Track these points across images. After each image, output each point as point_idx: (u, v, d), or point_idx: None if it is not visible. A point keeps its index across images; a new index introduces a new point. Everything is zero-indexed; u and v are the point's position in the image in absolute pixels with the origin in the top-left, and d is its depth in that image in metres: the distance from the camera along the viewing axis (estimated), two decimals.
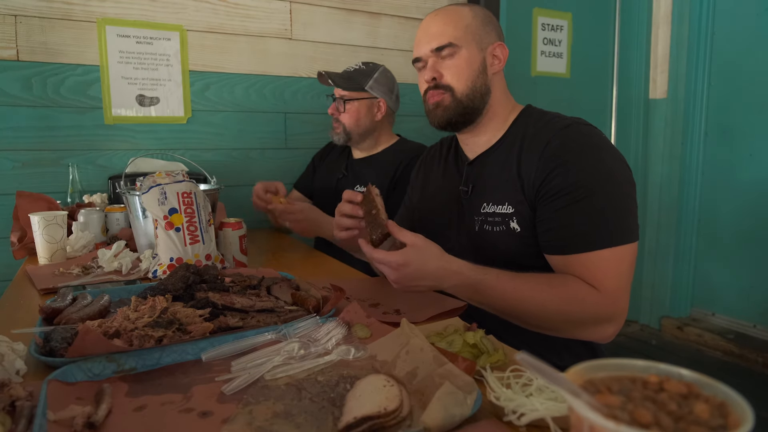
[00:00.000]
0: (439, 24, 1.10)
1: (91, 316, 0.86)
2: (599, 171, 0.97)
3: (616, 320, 0.97)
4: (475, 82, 1.09)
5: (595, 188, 0.96)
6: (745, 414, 0.34)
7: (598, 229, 0.95)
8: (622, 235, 0.95)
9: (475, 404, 0.57)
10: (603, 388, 0.39)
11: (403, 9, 2.38)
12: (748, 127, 2.75)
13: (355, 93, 1.76)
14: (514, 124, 1.12)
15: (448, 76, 1.09)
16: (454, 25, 1.08)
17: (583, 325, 0.96)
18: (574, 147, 0.99)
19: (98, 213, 1.57)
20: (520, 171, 1.04)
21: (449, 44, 1.08)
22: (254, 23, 2.10)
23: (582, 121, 1.05)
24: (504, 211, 1.06)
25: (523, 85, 2.85)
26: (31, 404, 0.58)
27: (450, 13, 1.11)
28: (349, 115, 1.77)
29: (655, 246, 3.11)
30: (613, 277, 0.94)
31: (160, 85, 1.97)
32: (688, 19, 2.89)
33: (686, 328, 2.94)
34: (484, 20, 1.11)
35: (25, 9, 1.76)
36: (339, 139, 1.81)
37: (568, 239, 0.97)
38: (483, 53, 1.10)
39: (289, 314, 0.90)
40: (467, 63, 1.08)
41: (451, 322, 0.84)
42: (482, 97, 1.10)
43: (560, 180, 0.97)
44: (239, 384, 0.65)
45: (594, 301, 0.93)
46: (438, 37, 1.08)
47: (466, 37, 1.08)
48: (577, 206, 0.96)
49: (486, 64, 1.10)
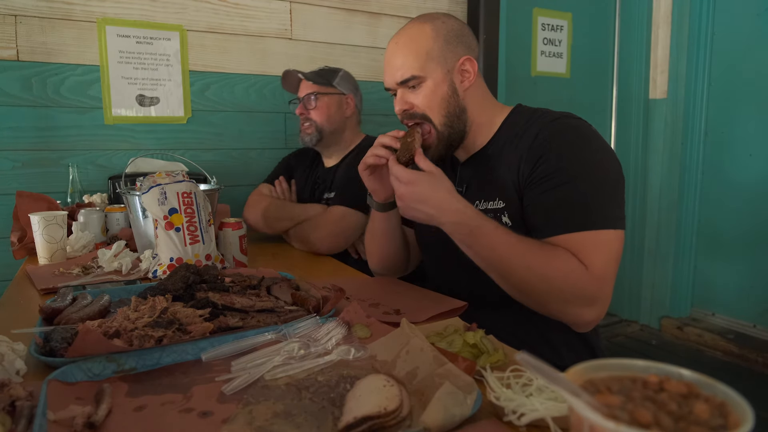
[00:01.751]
0: (400, 56, 1.08)
1: (91, 316, 0.86)
2: (585, 159, 0.98)
3: (598, 305, 0.94)
4: (447, 108, 1.09)
5: (580, 174, 0.96)
6: (745, 414, 0.34)
7: (583, 210, 0.95)
8: (607, 220, 0.95)
9: (475, 404, 0.57)
10: (603, 388, 0.39)
11: (403, 9, 2.38)
12: (747, 127, 2.75)
13: (324, 88, 1.74)
14: (504, 124, 1.12)
15: (420, 105, 1.09)
16: (414, 55, 1.07)
17: (565, 300, 0.94)
18: (561, 137, 1.00)
19: (98, 213, 1.57)
20: (510, 166, 1.05)
21: (412, 77, 1.07)
22: (254, 23, 2.10)
23: (571, 115, 1.06)
24: (495, 207, 1.07)
25: (523, 85, 2.85)
26: (31, 404, 0.58)
27: (410, 39, 1.08)
28: (320, 112, 1.73)
29: (655, 246, 3.11)
30: (599, 258, 0.93)
31: (160, 85, 1.97)
32: (688, 19, 2.89)
33: (686, 328, 2.95)
34: (447, 38, 1.08)
35: (25, 9, 1.76)
36: (311, 140, 1.75)
37: (553, 220, 0.97)
38: (450, 74, 1.08)
39: (289, 314, 0.90)
40: (433, 92, 1.07)
41: (451, 322, 0.84)
42: (459, 118, 1.10)
43: (546, 166, 0.98)
44: (239, 384, 0.65)
45: (579, 276, 0.92)
46: (401, 69, 1.08)
47: (428, 65, 1.07)
48: (562, 189, 0.96)
49: (455, 84, 1.09)
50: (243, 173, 2.10)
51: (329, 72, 1.77)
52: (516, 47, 2.79)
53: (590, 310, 0.94)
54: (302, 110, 1.74)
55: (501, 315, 1.02)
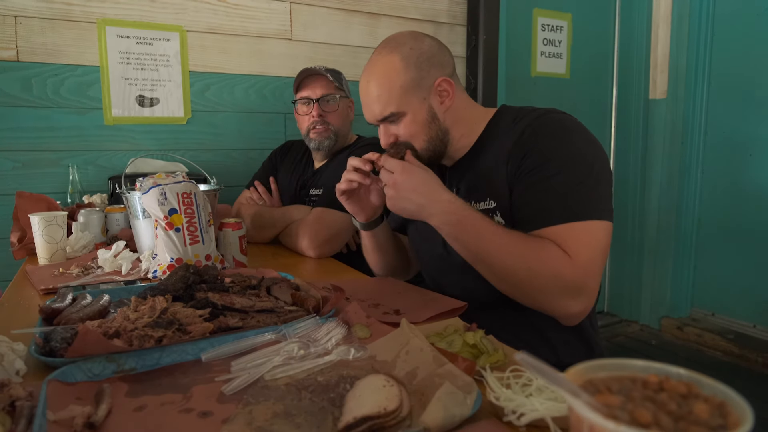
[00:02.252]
0: (374, 95, 1.08)
1: (91, 316, 0.86)
2: (569, 151, 0.99)
3: (583, 296, 0.94)
4: (429, 133, 1.09)
5: (564, 166, 0.97)
6: (745, 414, 0.34)
7: (566, 202, 0.95)
8: (594, 211, 0.95)
9: (475, 404, 0.57)
10: (603, 388, 0.39)
11: (403, 9, 2.38)
12: (747, 127, 2.75)
13: (340, 91, 1.71)
14: (489, 125, 1.13)
15: (403, 136, 1.09)
16: (388, 93, 1.06)
17: (549, 291, 0.94)
18: (546, 131, 1.01)
19: (98, 213, 1.57)
20: (498, 164, 1.05)
21: (391, 114, 1.07)
22: (254, 24, 2.10)
23: (556, 110, 1.06)
24: (487, 207, 1.07)
25: (523, 86, 2.85)
26: (31, 404, 0.58)
27: (381, 76, 1.07)
28: (338, 115, 1.69)
29: (655, 246, 3.11)
30: (585, 249, 0.93)
31: (160, 85, 1.97)
32: (688, 19, 2.89)
33: (686, 328, 2.95)
34: (418, 64, 1.06)
35: (25, 10, 1.76)
36: (329, 144, 1.68)
37: (538, 213, 0.97)
38: (427, 100, 1.08)
39: (289, 314, 0.89)
40: (414, 123, 1.08)
41: (451, 322, 0.84)
42: (442, 140, 1.11)
43: (531, 161, 0.99)
44: (239, 384, 0.65)
45: (564, 267, 0.92)
46: (378, 108, 1.08)
47: (404, 99, 1.06)
48: (547, 182, 0.97)
49: (434, 109, 1.08)
50: (243, 173, 2.10)
51: (337, 74, 1.73)
52: (516, 47, 2.79)
53: (576, 302, 0.94)
54: (320, 111, 1.66)
55: (500, 315, 1.02)
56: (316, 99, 1.67)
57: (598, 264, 0.94)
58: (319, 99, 1.67)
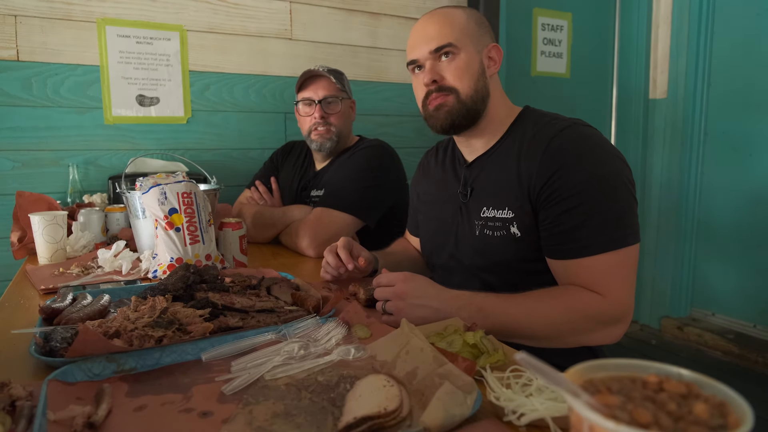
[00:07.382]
0: (436, 26, 1.08)
1: (91, 316, 0.86)
2: (600, 173, 0.97)
3: (622, 321, 0.97)
4: (476, 83, 1.08)
5: (595, 192, 0.95)
6: (745, 414, 0.34)
7: (599, 233, 0.94)
8: (624, 238, 0.95)
9: (475, 404, 0.57)
10: (603, 388, 0.39)
11: (403, 9, 2.38)
12: (747, 127, 2.75)
13: (343, 92, 1.71)
14: (513, 126, 1.11)
15: (450, 78, 1.07)
16: (451, 27, 1.07)
17: (591, 331, 0.96)
18: (574, 149, 0.99)
19: (98, 213, 1.57)
20: (520, 174, 1.03)
21: (449, 44, 1.06)
22: (254, 23, 2.10)
23: (581, 122, 1.04)
24: (504, 216, 1.05)
25: (523, 85, 2.85)
26: (31, 404, 0.58)
27: (445, 15, 1.09)
28: (340, 116, 1.69)
29: (655, 246, 3.12)
30: (616, 281, 0.94)
31: (160, 85, 1.97)
32: (688, 19, 2.89)
33: (686, 328, 2.95)
34: (478, 22, 1.10)
35: (25, 9, 1.76)
36: (331, 146, 1.69)
37: (569, 244, 0.97)
38: (480, 55, 1.09)
39: (289, 314, 0.90)
40: (467, 65, 1.07)
41: (451, 322, 0.84)
42: (483, 100, 1.09)
43: (561, 183, 0.97)
44: (239, 384, 0.65)
45: (598, 307, 0.94)
46: (437, 39, 1.07)
47: (463, 39, 1.07)
48: (578, 210, 0.95)
49: (483, 66, 1.09)
50: (243, 173, 2.10)
51: (339, 74, 1.73)
52: (516, 47, 2.79)
53: (616, 329, 0.97)
54: (323, 113, 1.67)
55: None
56: (319, 100, 1.68)
57: (629, 290, 0.96)
58: (321, 100, 1.68)
